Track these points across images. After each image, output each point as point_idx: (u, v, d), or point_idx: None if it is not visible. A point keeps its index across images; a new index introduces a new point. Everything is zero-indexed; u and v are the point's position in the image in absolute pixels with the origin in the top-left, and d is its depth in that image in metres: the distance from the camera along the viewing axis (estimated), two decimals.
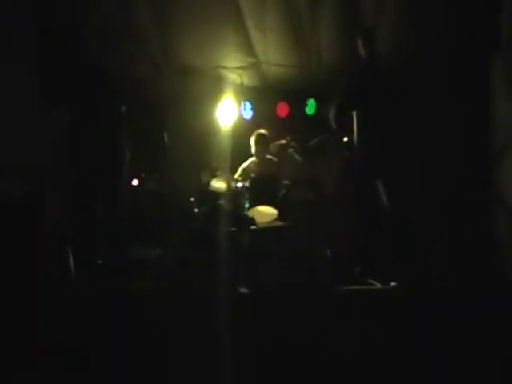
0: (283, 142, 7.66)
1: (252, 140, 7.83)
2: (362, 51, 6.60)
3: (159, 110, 8.10)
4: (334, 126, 6.73)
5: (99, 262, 6.17)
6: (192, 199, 7.15)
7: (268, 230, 6.60)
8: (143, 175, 7.81)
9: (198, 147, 8.17)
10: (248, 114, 8.77)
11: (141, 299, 5.52)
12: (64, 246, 6.06)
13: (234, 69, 8.48)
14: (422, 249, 6.60)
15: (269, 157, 7.80)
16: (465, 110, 6.85)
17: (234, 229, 6.49)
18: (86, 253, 6.15)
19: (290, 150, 7.59)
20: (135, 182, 7.58)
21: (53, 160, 6.23)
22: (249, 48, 8.17)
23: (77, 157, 6.27)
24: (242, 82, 8.60)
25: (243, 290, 5.77)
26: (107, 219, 6.23)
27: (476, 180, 6.79)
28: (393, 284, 5.82)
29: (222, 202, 6.98)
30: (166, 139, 7.16)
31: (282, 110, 8.82)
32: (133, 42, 7.71)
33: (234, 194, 7.18)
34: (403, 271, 6.05)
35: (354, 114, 6.49)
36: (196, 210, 7.06)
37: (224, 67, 8.42)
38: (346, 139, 6.92)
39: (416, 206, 6.87)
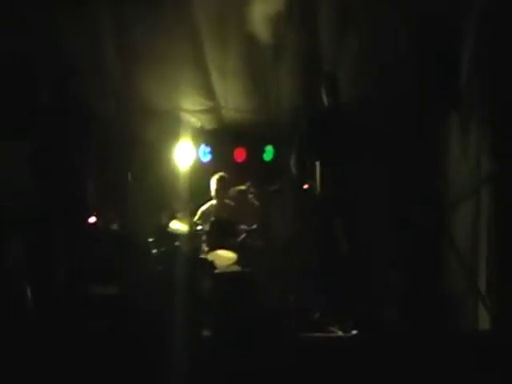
0: (243, 187, 7.66)
1: (212, 181, 7.80)
2: (325, 99, 6.71)
3: (121, 149, 8.04)
4: (295, 172, 6.78)
5: (57, 298, 6.05)
6: (150, 240, 7.08)
7: (229, 275, 6.56)
8: (96, 213, 7.68)
9: (157, 188, 8.14)
10: (206, 158, 8.77)
11: (98, 337, 5.44)
12: (22, 282, 5.96)
13: (193, 112, 8.52)
14: (377, 296, 6.66)
15: (227, 201, 7.77)
16: (421, 159, 7.01)
17: (193, 271, 6.43)
18: (45, 289, 6.04)
19: (250, 195, 7.59)
20: (92, 220, 7.45)
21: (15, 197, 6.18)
22: (209, 92, 8.27)
23: (39, 193, 6.19)
24: (201, 126, 8.61)
25: (206, 332, 5.72)
26: (67, 256, 6.14)
27: (430, 230, 6.91)
28: (354, 332, 5.83)
29: (178, 243, 6.93)
30: (129, 178, 7.08)
31: (240, 154, 8.85)
32: (96, 80, 7.71)
33: (192, 236, 7.14)
34: (361, 319, 6.11)
35: (317, 162, 6.56)
36: (154, 251, 6.98)
37: (184, 109, 8.46)
38: (306, 186, 6.97)
39: (372, 254, 6.93)
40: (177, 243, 6.94)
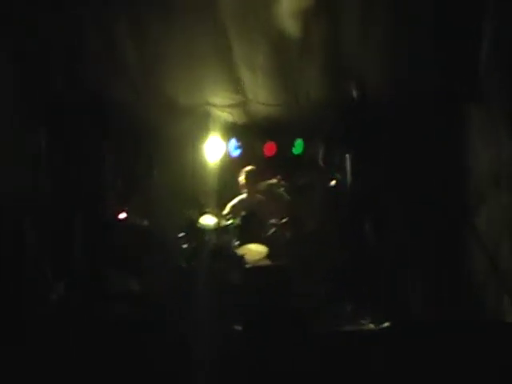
0: (273, 181, 7.68)
1: (241, 177, 7.84)
2: (354, 92, 6.69)
3: (148, 146, 8.10)
4: (322, 165, 6.78)
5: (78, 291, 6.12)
6: (180, 235, 7.12)
7: (260, 269, 6.58)
8: (127, 209, 7.72)
9: (187, 183, 8.18)
10: (235, 152, 8.77)
11: (125, 332, 5.49)
12: (45, 269, 6.03)
13: (222, 106, 8.52)
14: (404, 288, 6.66)
15: (257, 195, 7.80)
16: (445, 153, 6.98)
17: (224, 266, 6.47)
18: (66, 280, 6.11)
19: (280, 189, 7.61)
20: (123, 216, 7.51)
21: (33, 186, 6.23)
22: (238, 86, 8.24)
23: (57, 182, 6.23)
24: (232, 121, 8.62)
25: (237, 327, 5.74)
26: (87, 247, 6.20)
27: (455, 221, 6.89)
28: (386, 324, 5.83)
29: (208, 238, 6.97)
30: (155, 174, 7.12)
31: (270, 149, 8.83)
32: (122, 77, 7.74)
33: (222, 231, 7.17)
34: (391, 310, 6.11)
35: (347, 155, 6.56)
36: (184, 246, 7.03)
37: (213, 105, 8.46)
38: (333, 182, 6.99)
39: (398, 246, 6.92)
40: (207, 238, 6.98)
